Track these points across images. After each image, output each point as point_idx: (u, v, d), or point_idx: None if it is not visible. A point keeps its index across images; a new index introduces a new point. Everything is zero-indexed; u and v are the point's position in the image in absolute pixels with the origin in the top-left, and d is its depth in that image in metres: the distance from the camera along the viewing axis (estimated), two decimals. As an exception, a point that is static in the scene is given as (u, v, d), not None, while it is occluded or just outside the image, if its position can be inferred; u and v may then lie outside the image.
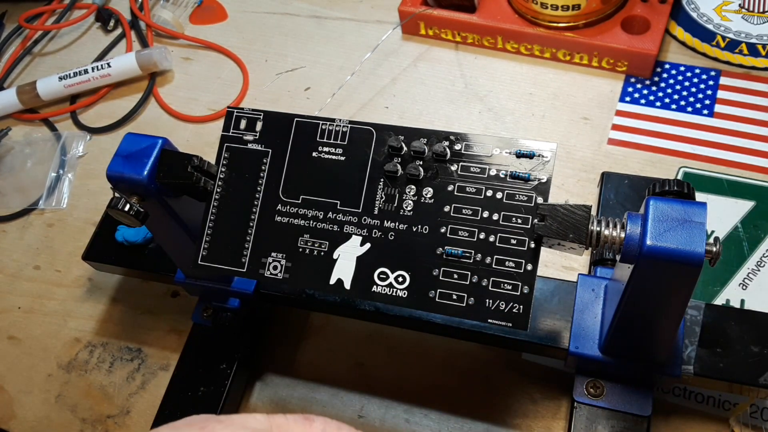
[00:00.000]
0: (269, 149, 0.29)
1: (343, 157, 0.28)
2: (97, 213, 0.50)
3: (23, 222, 0.52)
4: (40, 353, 0.45)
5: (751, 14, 0.51)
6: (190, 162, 0.30)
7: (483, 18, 0.52)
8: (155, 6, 0.62)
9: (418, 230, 0.27)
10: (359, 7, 0.59)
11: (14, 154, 0.55)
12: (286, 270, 0.28)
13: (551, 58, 0.52)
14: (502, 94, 0.51)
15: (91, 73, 0.56)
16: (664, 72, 0.50)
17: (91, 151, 0.55)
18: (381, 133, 0.28)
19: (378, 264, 0.27)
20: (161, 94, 0.56)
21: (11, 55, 0.61)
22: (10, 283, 0.49)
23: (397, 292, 0.27)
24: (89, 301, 0.46)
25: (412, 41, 0.55)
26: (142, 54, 0.56)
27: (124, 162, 0.30)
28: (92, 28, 0.63)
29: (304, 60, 0.56)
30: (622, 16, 0.50)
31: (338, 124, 0.29)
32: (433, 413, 0.39)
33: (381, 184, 0.28)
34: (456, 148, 0.27)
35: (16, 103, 0.57)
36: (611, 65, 0.50)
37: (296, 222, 0.28)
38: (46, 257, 0.49)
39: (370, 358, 0.41)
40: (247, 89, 0.55)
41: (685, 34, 0.51)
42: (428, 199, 0.27)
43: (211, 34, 0.60)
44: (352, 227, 0.28)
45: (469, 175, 0.27)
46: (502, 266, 0.27)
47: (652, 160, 0.46)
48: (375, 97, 0.53)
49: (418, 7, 0.53)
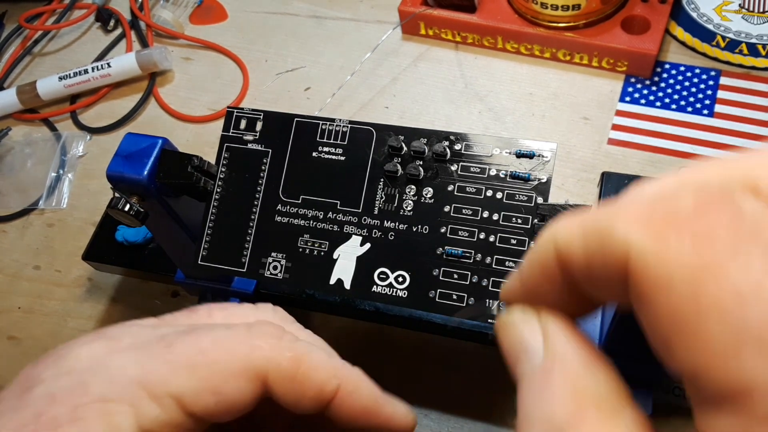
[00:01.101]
0: (269, 149, 0.29)
1: (343, 157, 0.28)
2: (97, 213, 0.50)
3: (23, 222, 0.52)
4: (40, 353, 0.45)
5: (751, 14, 0.51)
6: (190, 162, 0.30)
7: (483, 18, 0.52)
8: (155, 6, 0.62)
9: (418, 230, 0.27)
10: (359, 7, 0.59)
11: (14, 154, 0.55)
12: (286, 270, 0.28)
13: (551, 58, 0.52)
14: (502, 94, 0.51)
15: (91, 73, 0.56)
16: (664, 72, 0.50)
17: (91, 151, 0.55)
18: (381, 133, 0.28)
19: (378, 264, 0.27)
20: (161, 94, 0.56)
21: (11, 55, 0.62)
22: (10, 283, 0.48)
23: (397, 292, 0.27)
24: (89, 301, 0.46)
25: (412, 41, 0.55)
26: (142, 54, 0.56)
27: (124, 162, 0.30)
28: (92, 28, 0.63)
29: (304, 60, 0.56)
30: (622, 16, 0.50)
31: (338, 124, 0.29)
32: (433, 413, 0.39)
33: (381, 184, 0.28)
34: (456, 148, 0.27)
35: (16, 103, 0.57)
36: (611, 65, 0.50)
37: (296, 222, 0.28)
38: (46, 257, 0.49)
39: (370, 358, 0.41)
40: (247, 89, 0.55)
41: (685, 34, 0.51)
42: (428, 199, 0.27)
43: (211, 34, 0.60)
44: (352, 227, 0.28)
45: (469, 175, 0.27)
46: (502, 266, 0.27)
47: (652, 160, 0.46)
48: (375, 97, 0.53)
49: (418, 7, 0.53)
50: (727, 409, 0.12)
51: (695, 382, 0.13)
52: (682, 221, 0.13)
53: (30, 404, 0.19)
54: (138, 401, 0.20)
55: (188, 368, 0.20)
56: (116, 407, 0.19)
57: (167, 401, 0.20)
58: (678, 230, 0.13)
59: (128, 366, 0.20)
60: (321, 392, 0.22)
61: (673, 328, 0.13)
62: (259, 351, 0.21)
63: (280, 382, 0.21)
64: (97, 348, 0.21)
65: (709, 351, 0.12)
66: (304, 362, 0.21)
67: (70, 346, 0.22)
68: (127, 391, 0.20)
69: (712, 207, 0.12)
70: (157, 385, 0.20)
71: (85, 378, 0.20)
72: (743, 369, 0.12)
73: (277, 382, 0.21)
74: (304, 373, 0.21)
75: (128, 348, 0.21)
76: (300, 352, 0.22)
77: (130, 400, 0.20)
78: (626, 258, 0.13)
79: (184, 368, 0.20)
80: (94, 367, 0.20)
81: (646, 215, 0.13)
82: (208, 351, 0.21)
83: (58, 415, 0.19)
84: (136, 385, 0.20)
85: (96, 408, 0.19)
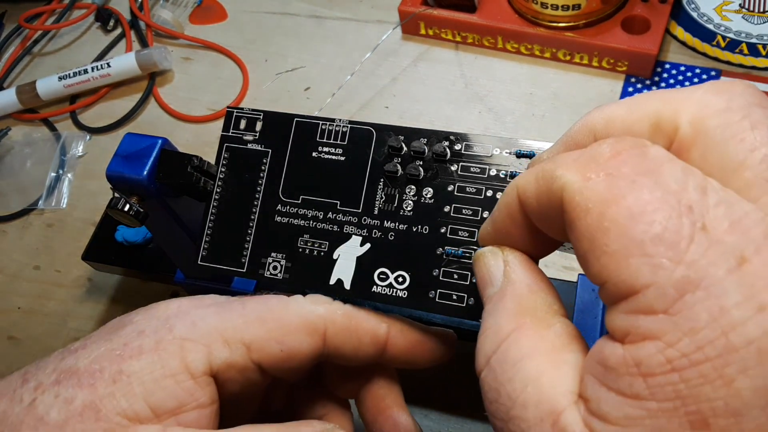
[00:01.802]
0: (269, 149, 0.29)
1: (343, 157, 0.28)
2: (97, 213, 0.50)
3: (23, 222, 0.52)
4: (40, 353, 0.45)
5: (751, 14, 0.51)
6: (190, 162, 0.30)
7: (483, 18, 0.52)
8: (155, 6, 0.62)
9: (418, 230, 0.27)
10: (359, 7, 0.59)
11: (14, 154, 0.55)
12: (286, 270, 0.28)
13: (551, 58, 0.52)
14: (502, 94, 0.51)
15: (90, 73, 0.56)
16: (665, 72, 0.50)
17: (91, 151, 0.55)
18: (381, 133, 0.28)
19: (378, 264, 0.27)
20: (161, 94, 0.56)
21: (11, 55, 0.61)
22: (10, 283, 0.48)
23: (397, 292, 0.27)
24: (89, 301, 0.46)
25: (412, 41, 0.55)
26: (142, 54, 0.56)
27: (124, 162, 0.30)
28: (92, 28, 0.63)
29: (304, 60, 0.56)
30: (622, 16, 0.50)
31: (338, 124, 0.29)
32: (433, 413, 0.39)
33: (381, 184, 0.28)
34: (456, 148, 0.27)
35: (15, 103, 0.57)
36: (611, 65, 0.50)
37: (296, 222, 0.28)
38: (46, 257, 0.49)
39: (370, 358, 0.41)
40: (247, 89, 0.55)
41: (685, 34, 0.51)
42: (428, 199, 0.27)
43: (211, 34, 0.60)
44: (352, 227, 0.28)
45: (469, 175, 0.27)
46: (502, 266, 0.27)
47: (652, 160, 0.46)
48: (375, 97, 0.53)
49: (418, 7, 0.53)
50: (622, 306, 0.15)
51: (603, 289, 0.16)
52: (601, 163, 0.16)
53: (121, 336, 0.23)
54: (213, 344, 0.23)
55: (259, 320, 0.24)
56: (193, 346, 0.23)
57: (238, 347, 0.24)
58: (597, 170, 0.16)
59: (209, 316, 0.24)
60: (375, 336, 0.26)
61: (588, 245, 0.16)
62: (317, 311, 0.26)
63: (337, 334, 0.25)
64: (185, 302, 0.26)
65: (610, 261, 0.15)
66: (354, 316, 0.26)
67: (159, 302, 0.26)
68: (205, 335, 0.24)
69: (623, 151, 0.16)
70: (231, 332, 0.24)
71: (172, 321, 0.24)
72: (631, 273, 0.15)
73: (334, 335, 0.25)
74: (357, 323, 0.26)
75: (210, 305, 0.25)
76: (350, 309, 0.26)
77: (206, 342, 0.23)
78: (562, 193, 0.17)
79: (255, 320, 0.24)
80: (180, 315, 0.24)
81: (577, 161, 0.17)
82: (276, 309, 0.25)
83: (143, 345, 0.23)
84: (213, 331, 0.24)
85: (176, 344, 0.23)
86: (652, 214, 0.15)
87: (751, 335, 0.13)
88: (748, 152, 0.15)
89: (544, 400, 0.17)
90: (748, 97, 0.16)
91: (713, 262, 0.14)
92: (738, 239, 0.14)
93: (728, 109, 0.16)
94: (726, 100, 0.16)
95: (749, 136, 0.15)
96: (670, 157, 0.16)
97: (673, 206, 0.15)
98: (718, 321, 0.13)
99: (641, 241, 0.15)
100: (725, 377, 0.13)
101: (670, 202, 0.15)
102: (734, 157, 0.15)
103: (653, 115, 0.17)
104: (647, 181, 0.15)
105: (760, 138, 0.15)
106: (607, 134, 0.18)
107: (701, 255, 0.14)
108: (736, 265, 0.14)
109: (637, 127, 0.17)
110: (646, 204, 0.15)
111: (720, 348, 0.13)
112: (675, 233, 0.14)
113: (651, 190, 0.15)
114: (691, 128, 0.16)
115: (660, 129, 0.17)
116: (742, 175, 0.15)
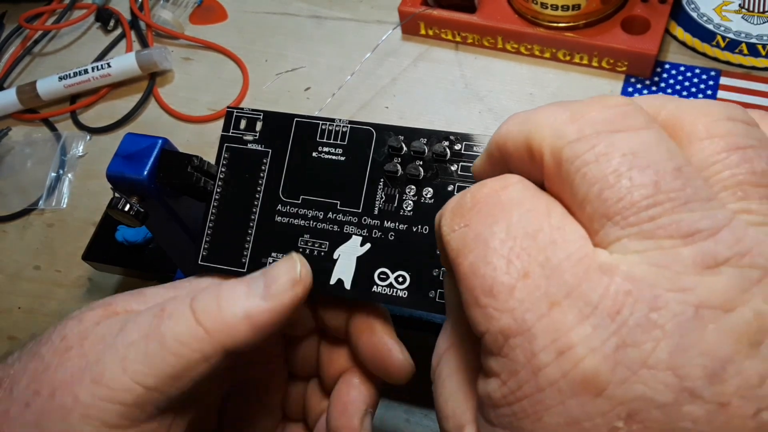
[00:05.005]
0: (269, 149, 0.29)
1: (343, 157, 0.28)
2: (97, 213, 0.50)
3: (23, 222, 0.52)
4: (40, 353, 0.45)
5: (751, 14, 0.52)
6: (190, 162, 0.30)
7: (483, 18, 0.52)
8: (155, 6, 0.62)
9: (418, 230, 0.27)
10: (359, 7, 0.59)
11: (14, 154, 0.55)
12: (286, 270, 0.28)
13: (551, 58, 0.52)
14: (502, 94, 0.51)
15: (91, 73, 0.56)
16: (664, 72, 0.50)
17: (91, 151, 0.55)
18: (381, 133, 0.28)
19: (378, 264, 0.27)
20: (161, 94, 0.56)
21: (11, 55, 0.62)
22: (10, 283, 0.48)
23: (397, 293, 0.27)
24: (89, 301, 0.46)
25: (412, 41, 0.55)
26: (142, 54, 0.56)
27: (124, 162, 0.30)
28: (92, 28, 0.63)
29: (304, 60, 0.56)
30: (622, 16, 0.50)
31: (338, 124, 0.29)
32: (433, 413, 0.39)
33: (381, 184, 0.28)
34: (456, 148, 0.27)
35: (15, 103, 0.57)
36: (611, 65, 0.50)
37: (296, 222, 0.28)
38: (46, 257, 0.49)
39: (370, 358, 0.41)
40: (247, 89, 0.55)
41: (685, 34, 0.51)
42: (428, 199, 0.27)
43: (211, 34, 0.60)
44: (352, 227, 0.28)
45: (469, 175, 0.27)
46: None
47: (652, 160, 0.46)
48: (375, 97, 0.53)
49: (418, 7, 0.53)
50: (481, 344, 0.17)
51: None
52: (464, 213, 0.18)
53: None
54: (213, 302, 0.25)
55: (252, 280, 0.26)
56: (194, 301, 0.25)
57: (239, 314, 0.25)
58: (459, 221, 0.18)
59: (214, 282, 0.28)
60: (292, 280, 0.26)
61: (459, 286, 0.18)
62: None
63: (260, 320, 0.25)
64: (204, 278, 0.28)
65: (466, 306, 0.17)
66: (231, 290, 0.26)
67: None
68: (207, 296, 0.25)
69: (480, 201, 0.18)
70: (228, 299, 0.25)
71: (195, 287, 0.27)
72: (474, 320, 0.17)
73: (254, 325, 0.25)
74: None
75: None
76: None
77: None
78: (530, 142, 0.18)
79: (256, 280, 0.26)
80: None
81: (452, 210, 0.18)
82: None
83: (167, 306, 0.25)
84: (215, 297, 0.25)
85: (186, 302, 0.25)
86: (484, 268, 0.16)
87: (552, 377, 0.15)
88: (589, 186, 0.16)
89: (457, 416, 0.19)
90: (599, 125, 0.17)
91: (529, 308, 0.15)
92: (552, 284, 0.15)
93: (578, 140, 0.16)
94: (577, 130, 0.17)
95: (591, 170, 0.16)
96: (521, 199, 0.17)
97: (502, 257, 0.16)
98: (531, 363, 0.15)
99: (476, 295, 0.16)
100: (537, 413, 0.15)
101: (501, 252, 0.16)
102: (578, 191, 0.16)
103: (528, 141, 0.18)
104: (489, 231, 0.17)
105: (598, 171, 0.16)
106: (501, 157, 0.19)
107: (520, 302, 0.16)
108: (547, 310, 0.15)
109: (519, 154, 0.18)
110: (483, 257, 0.16)
111: (532, 387, 0.15)
112: (501, 284, 0.16)
113: (487, 244, 0.17)
114: (552, 159, 0.17)
115: (533, 157, 0.18)
116: (585, 211, 0.16)
